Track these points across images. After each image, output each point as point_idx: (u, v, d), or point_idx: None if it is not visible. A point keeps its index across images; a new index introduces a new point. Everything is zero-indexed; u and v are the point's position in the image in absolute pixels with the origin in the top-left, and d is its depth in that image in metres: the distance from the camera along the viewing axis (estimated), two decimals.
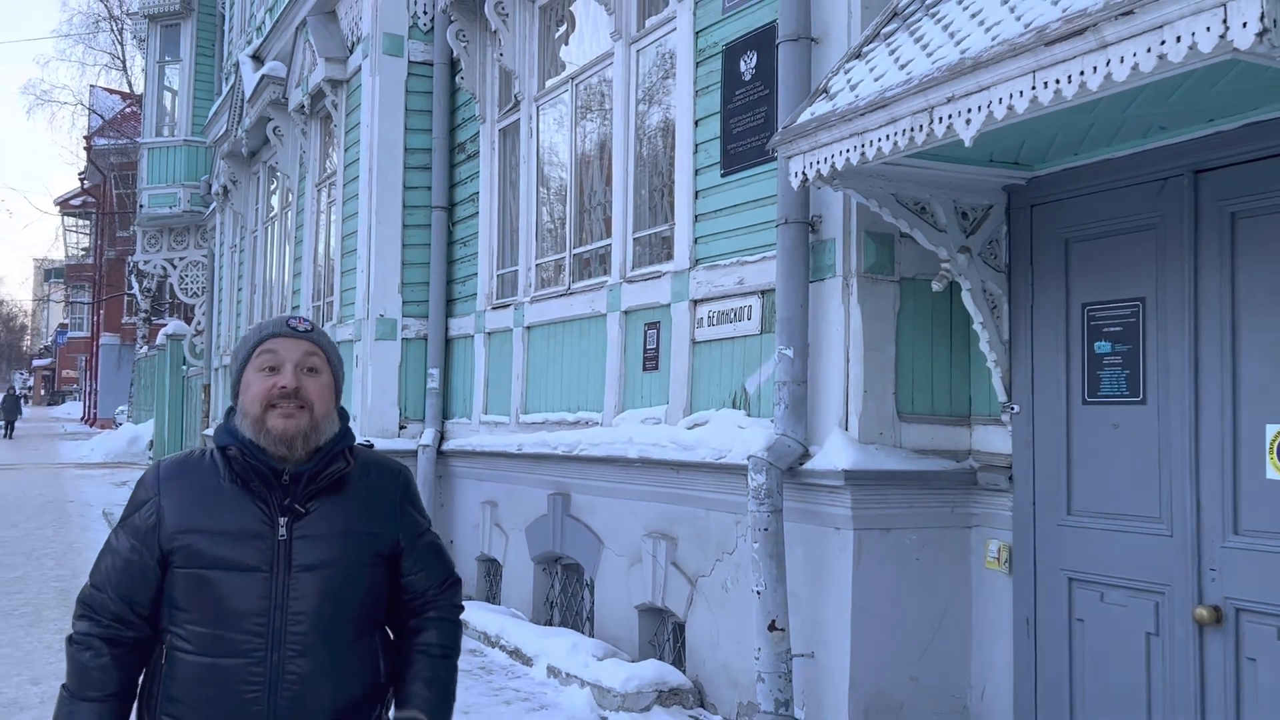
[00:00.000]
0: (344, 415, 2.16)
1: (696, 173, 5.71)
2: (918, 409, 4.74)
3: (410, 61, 8.76)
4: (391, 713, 2.15)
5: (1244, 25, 2.59)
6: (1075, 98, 3.07)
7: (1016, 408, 4.49)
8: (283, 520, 2.02)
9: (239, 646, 1.97)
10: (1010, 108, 3.23)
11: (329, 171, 10.34)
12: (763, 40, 5.19)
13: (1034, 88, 3.15)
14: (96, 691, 2.02)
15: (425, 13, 8.78)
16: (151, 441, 23.70)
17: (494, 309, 8.00)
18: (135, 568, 2.04)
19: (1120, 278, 4.10)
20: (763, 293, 5.16)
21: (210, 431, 15.34)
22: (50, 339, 67.92)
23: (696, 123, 5.74)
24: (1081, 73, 3.01)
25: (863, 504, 4.50)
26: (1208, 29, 2.67)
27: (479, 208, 8.28)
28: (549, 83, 7.56)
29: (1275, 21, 2.56)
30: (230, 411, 2.11)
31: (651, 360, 6.06)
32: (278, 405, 2.02)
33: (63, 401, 61.89)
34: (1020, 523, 4.46)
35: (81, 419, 45.23)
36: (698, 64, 5.75)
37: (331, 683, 2.02)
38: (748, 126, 5.28)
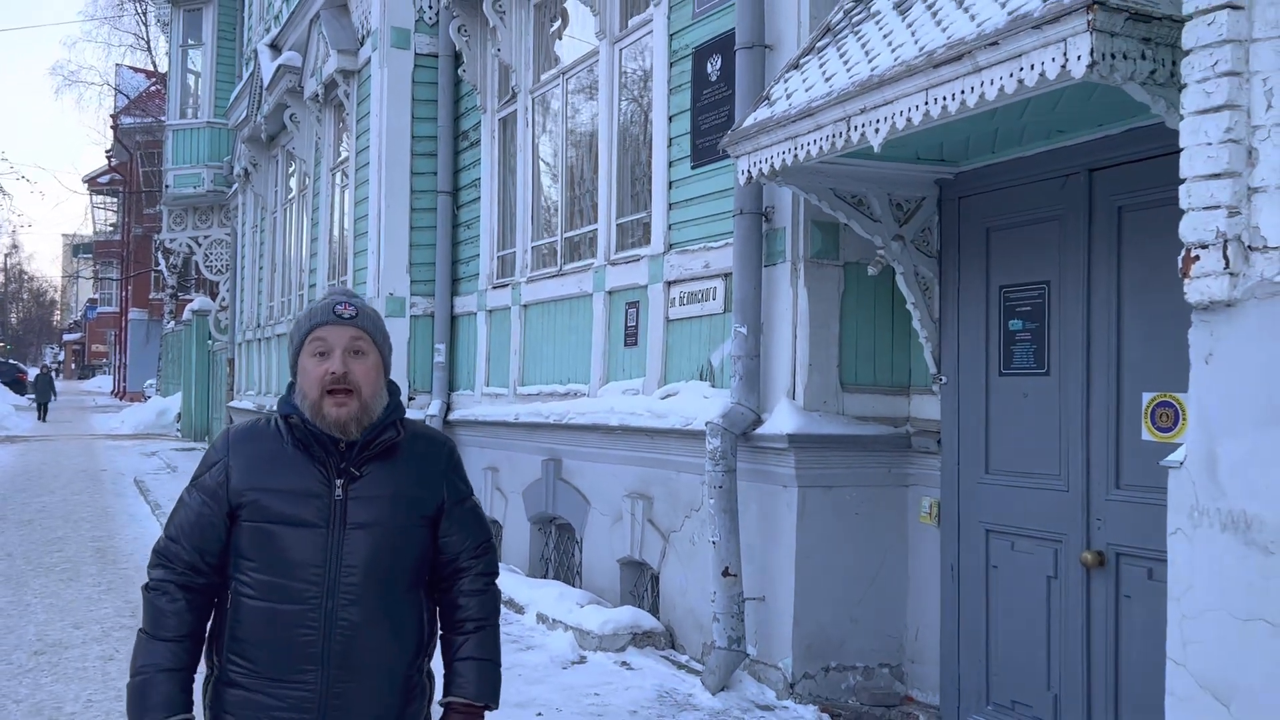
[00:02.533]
0: (394, 389, 2.33)
1: (670, 164, 6.24)
2: (860, 380, 5.28)
3: (417, 54, 9.31)
4: (438, 697, 2.39)
5: (1078, 58, 3.10)
6: (958, 113, 3.58)
7: (945, 379, 5.02)
8: (339, 482, 2.20)
9: (298, 594, 2.16)
10: (909, 120, 3.75)
11: (342, 157, 10.91)
12: (726, 45, 5.69)
13: (926, 103, 3.67)
14: (171, 632, 2.20)
15: (430, 7, 9.30)
16: (179, 414, 24.53)
17: (494, 288, 8.58)
18: (206, 521, 2.23)
19: (1030, 262, 4.61)
20: (725, 276, 5.70)
21: (235, 403, 16.06)
22: (80, 314, 69.21)
23: (670, 118, 6.26)
24: (962, 92, 3.53)
25: (806, 465, 5.06)
26: (1053, 59, 3.19)
27: (481, 193, 8.84)
28: (543, 76, 8.08)
29: (1102, 55, 3.07)
30: (291, 386, 2.30)
31: (632, 336, 6.62)
32: (331, 393, 2.20)
33: (93, 375, 63.17)
34: (946, 481, 5.00)
35: (111, 392, 46.35)
36: (671, 64, 6.27)
37: (380, 630, 2.21)
38: (713, 124, 5.80)
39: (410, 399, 9.18)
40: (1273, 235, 2.46)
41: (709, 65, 5.88)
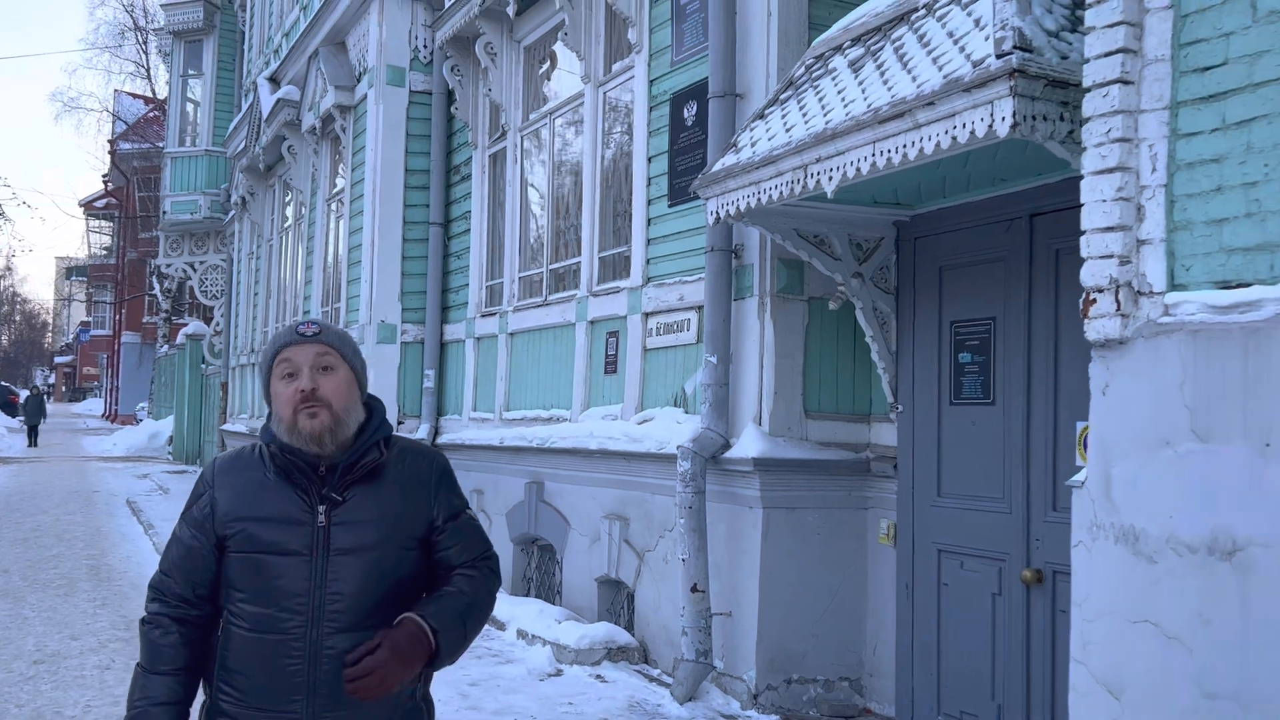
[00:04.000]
0: (378, 407, 2.30)
1: (649, 202, 6.59)
2: (823, 408, 5.61)
3: (411, 91, 9.68)
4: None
5: (1003, 119, 3.46)
6: (902, 164, 3.94)
7: (901, 407, 5.35)
8: (321, 508, 2.18)
9: (282, 624, 2.15)
10: (859, 169, 4.11)
11: (338, 188, 11.27)
12: (701, 92, 6.06)
13: (874, 155, 4.02)
14: (167, 666, 2.22)
15: (424, 47, 9.69)
16: (171, 437, 24.73)
17: (483, 316, 8.91)
18: (196, 554, 2.24)
19: (978, 300, 4.96)
20: (698, 308, 6.03)
21: (228, 426, 16.32)
22: (72, 336, 69.37)
23: (650, 159, 6.62)
24: (905, 145, 3.88)
25: (770, 487, 5.38)
26: (981, 119, 3.54)
27: (471, 225, 9.19)
28: (532, 115, 8.46)
29: (1024, 117, 3.43)
30: (270, 415, 2.30)
31: (611, 364, 6.95)
32: (304, 407, 2.18)
33: (84, 398, 63.27)
34: (902, 504, 5.32)
35: (103, 415, 46.49)
36: (651, 108, 6.63)
37: None
38: (689, 165, 6.16)
39: (400, 423, 9.47)
40: (1157, 282, 2.80)
41: (686, 110, 6.24)
